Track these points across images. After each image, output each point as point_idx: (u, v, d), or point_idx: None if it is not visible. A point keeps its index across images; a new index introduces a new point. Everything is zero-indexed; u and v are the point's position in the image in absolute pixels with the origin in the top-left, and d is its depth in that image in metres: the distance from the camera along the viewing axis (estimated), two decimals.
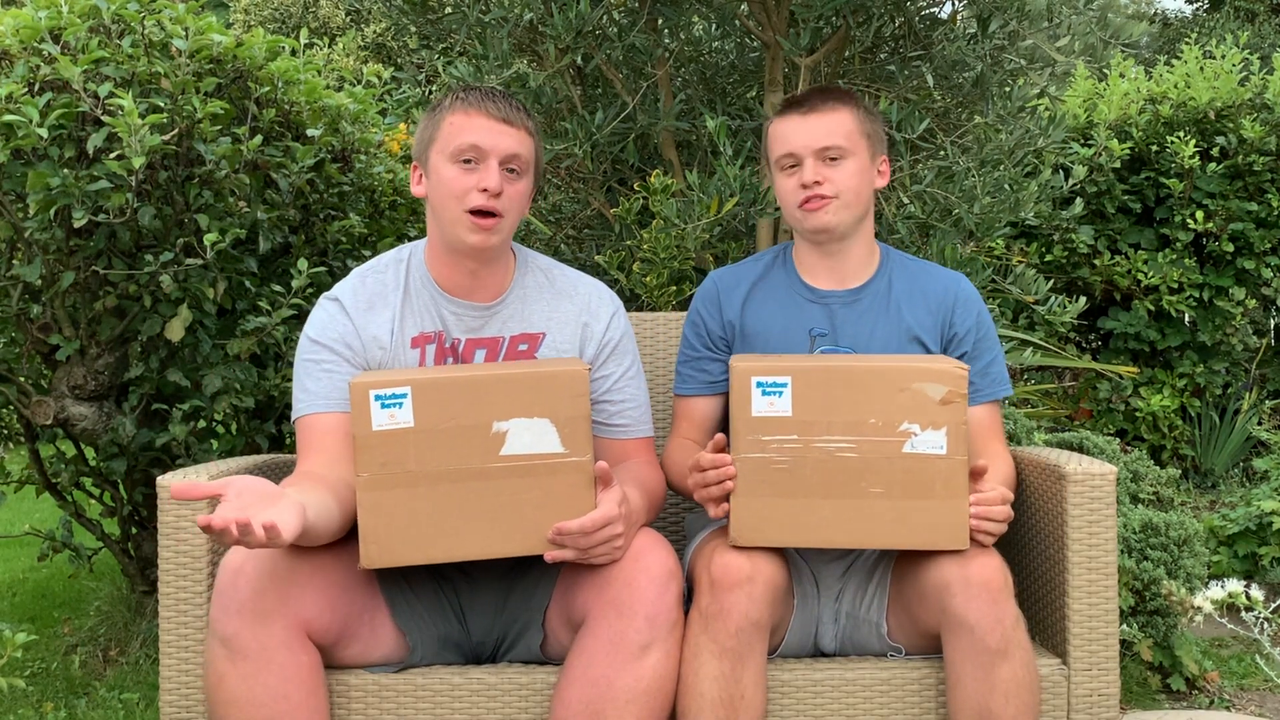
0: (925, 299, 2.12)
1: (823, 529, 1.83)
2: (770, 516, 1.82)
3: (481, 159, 1.91)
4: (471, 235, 1.91)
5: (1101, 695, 1.93)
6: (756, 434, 1.82)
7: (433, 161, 1.94)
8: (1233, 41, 5.13)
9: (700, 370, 2.16)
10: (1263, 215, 4.90)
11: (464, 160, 1.91)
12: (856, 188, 2.06)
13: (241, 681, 1.72)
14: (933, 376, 1.81)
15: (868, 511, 1.82)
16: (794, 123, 2.07)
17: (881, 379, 1.82)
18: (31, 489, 3.20)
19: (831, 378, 1.82)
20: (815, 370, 1.83)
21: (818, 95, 2.09)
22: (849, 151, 2.05)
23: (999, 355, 2.16)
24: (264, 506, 1.60)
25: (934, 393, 1.81)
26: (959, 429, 1.81)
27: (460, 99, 1.94)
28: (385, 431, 1.75)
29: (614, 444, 2.03)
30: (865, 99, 2.70)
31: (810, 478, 1.82)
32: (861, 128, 2.08)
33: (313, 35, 9.32)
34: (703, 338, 2.17)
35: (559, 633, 1.92)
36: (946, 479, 1.81)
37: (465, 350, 1.99)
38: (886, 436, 1.81)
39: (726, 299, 2.17)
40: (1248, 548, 3.54)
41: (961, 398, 1.81)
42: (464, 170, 1.91)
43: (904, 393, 1.81)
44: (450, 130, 1.92)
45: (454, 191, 1.91)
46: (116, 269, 2.68)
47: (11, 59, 2.56)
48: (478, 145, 1.90)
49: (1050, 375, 5.22)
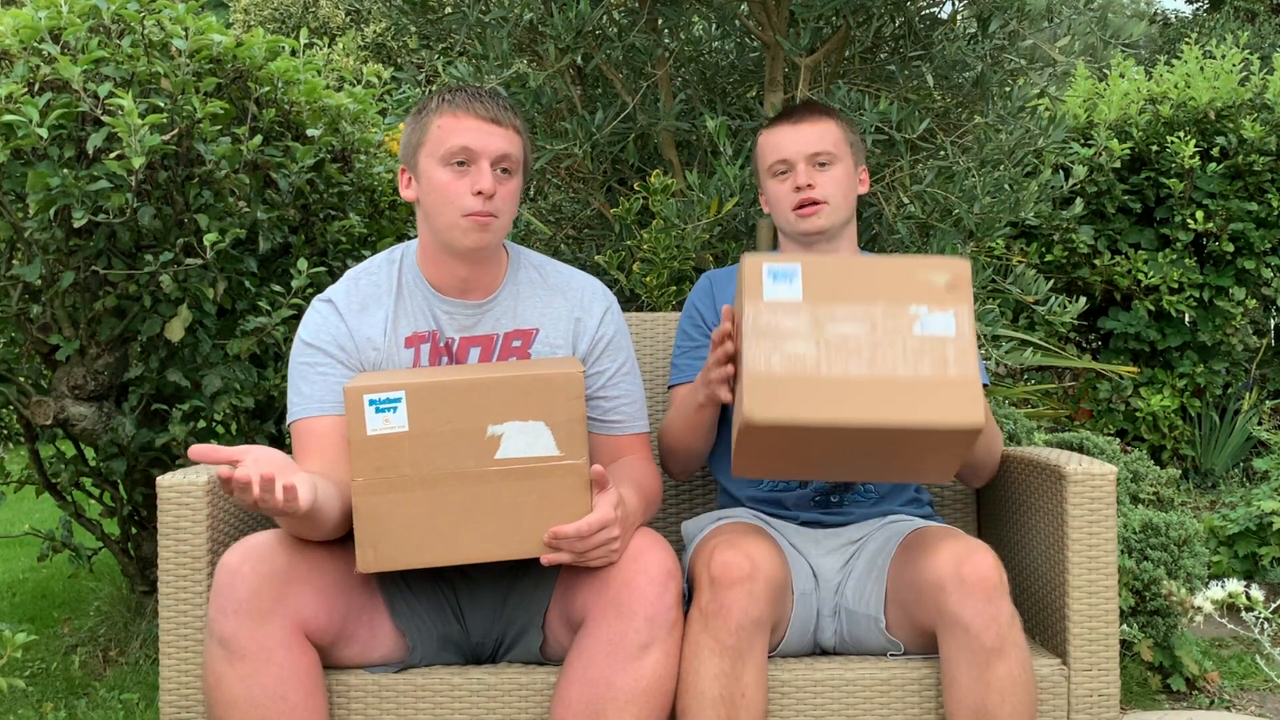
0: None
1: (836, 406, 1.78)
2: (783, 392, 1.78)
3: (473, 160, 1.90)
4: (468, 237, 1.91)
5: (1101, 695, 1.93)
6: (770, 315, 1.81)
7: (422, 165, 1.93)
8: (1233, 41, 5.13)
9: (700, 359, 2.17)
10: (1263, 215, 4.90)
11: (456, 163, 1.90)
12: (844, 192, 2.19)
13: (240, 682, 1.72)
14: (936, 264, 1.83)
15: (881, 390, 1.79)
16: (785, 131, 2.20)
17: (888, 266, 1.84)
18: (31, 489, 3.21)
19: (840, 266, 1.84)
20: (825, 261, 1.85)
21: (804, 108, 2.23)
22: (837, 158, 2.18)
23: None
24: (285, 473, 1.64)
25: (939, 279, 1.82)
26: (966, 314, 1.81)
27: (447, 101, 1.92)
28: (380, 436, 1.74)
29: (608, 440, 2.04)
30: (863, 101, 2.71)
31: (823, 358, 1.79)
32: (846, 137, 2.21)
33: (313, 35, 9.31)
34: (700, 327, 2.22)
35: (559, 633, 1.92)
36: (958, 357, 1.80)
37: (459, 349, 1.99)
38: (896, 318, 1.81)
39: (720, 293, 2.23)
40: (1248, 548, 3.54)
41: (966, 284, 1.82)
42: (456, 173, 1.90)
43: (910, 280, 1.82)
44: (439, 133, 1.91)
45: (447, 196, 1.90)
46: (116, 269, 2.68)
47: (11, 59, 2.56)
48: (468, 147, 1.89)
49: (1050, 375, 5.22)
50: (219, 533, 1.94)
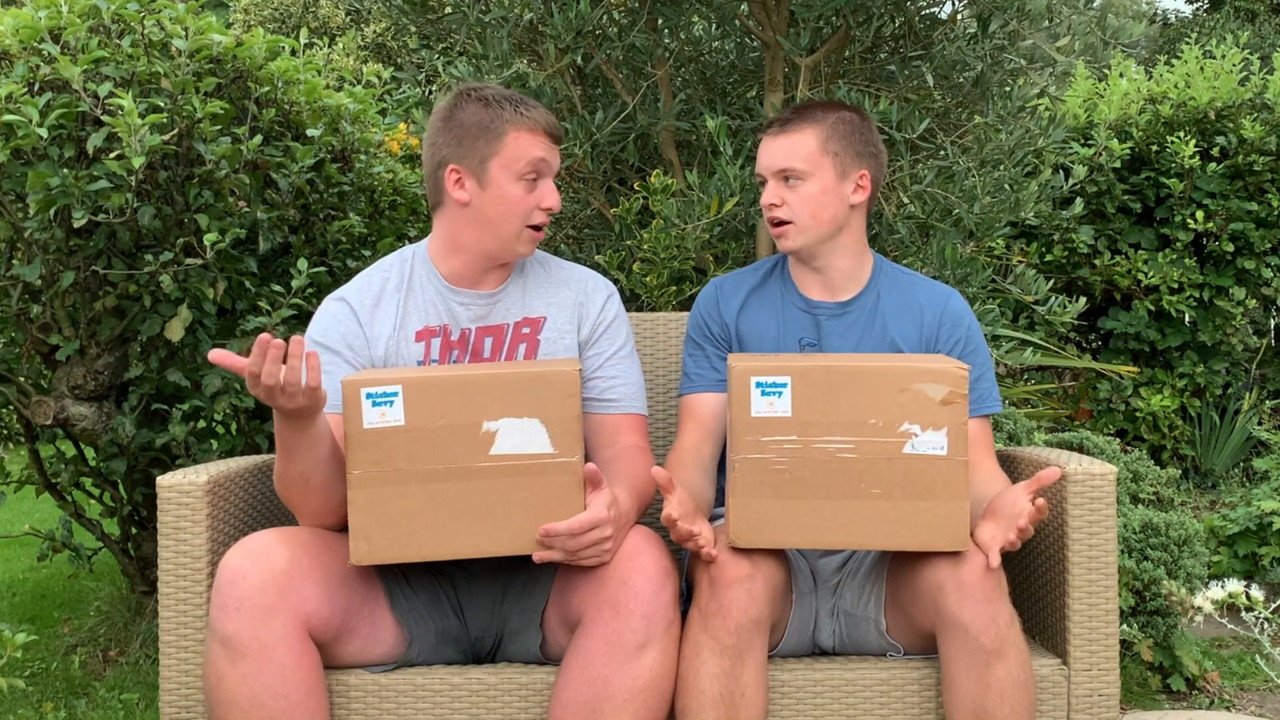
0: (912, 313, 2.13)
1: (822, 530, 1.82)
2: (769, 518, 1.82)
3: (543, 175, 1.99)
4: (525, 246, 2.02)
5: (1101, 695, 1.93)
6: (756, 434, 1.81)
7: (494, 175, 1.97)
8: (1233, 41, 5.13)
9: (709, 368, 2.16)
10: (1263, 215, 4.90)
11: (529, 179, 1.98)
12: (814, 211, 2.07)
13: (241, 681, 1.72)
14: (933, 377, 1.81)
15: (868, 512, 1.81)
16: (765, 143, 2.12)
17: (882, 379, 1.81)
18: (31, 489, 3.20)
19: (832, 378, 1.82)
20: (815, 370, 1.82)
21: (795, 112, 2.11)
22: (806, 174, 2.06)
23: (988, 372, 2.14)
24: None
25: (935, 393, 1.80)
26: (960, 430, 1.81)
27: (523, 115, 1.98)
28: (376, 429, 1.76)
29: (605, 419, 2.05)
30: (863, 102, 2.70)
31: (810, 479, 1.81)
32: (826, 146, 2.07)
33: (313, 35, 9.33)
34: (708, 336, 2.19)
35: (557, 633, 1.92)
36: (947, 480, 1.81)
37: (476, 339, 2.03)
38: (887, 437, 1.80)
39: (725, 304, 2.19)
40: (1248, 548, 3.53)
41: (962, 398, 1.81)
42: (529, 187, 1.98)
43: (904, 393, 1.80)
44: (517, 146, 1.96)
45: (519, 209, 1.98)
46: (116, 269, 2.68)
47: (11, 59, 2.56)
48: (546, 161, 1.99)
49: (1050, 375, 5.22)
50: (219, 533, 1.94)
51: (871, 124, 2.16)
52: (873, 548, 1.95)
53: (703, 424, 2.14)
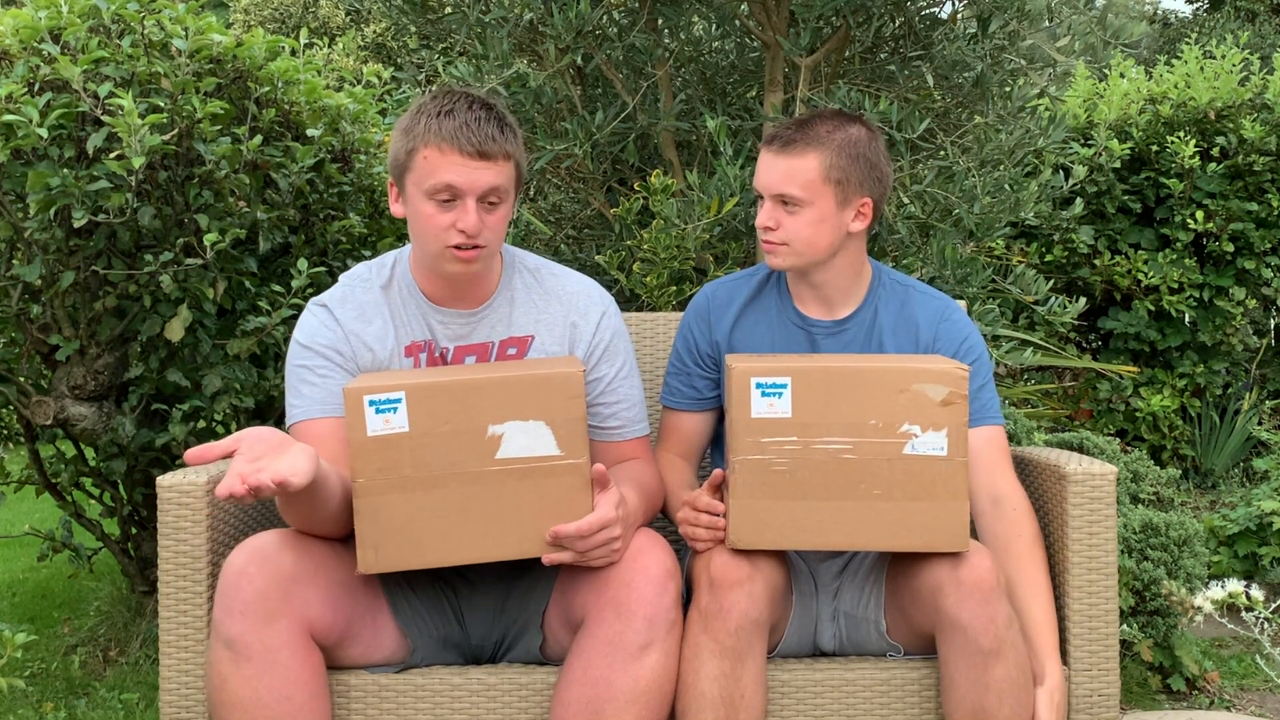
0: (909, 329, 2.10)
1: (822, 531, 1.82)
2: (769, 519, 1.81)
3: (458, 197, 1.83)
4: (453, 266, 1.88)
5: (1101, 695, 1.93)
6: (756, 435, 1.81)
7: (409, 191, 1.87)
8: (1233, 41, 5.12)
9: (689, 386, 2.16)
10: (1263, 215, 4.90)
11: (441, 200, 1.83)
12: (810, 238, 2.00)
13: (245, 684, 1.71)
14: (933, 377, 1.80)
15: (867, 513, 1.81)
16: (767, 158, 2.02)
17: (882, 379, 1.81)
18: (31, 489, 3.20)
19: (831, 379, 1.81)
20: (815, 371, 1.82)
21: (800, 131, 2.00)
22: (805, 202, 1.98)
23: (988, 384, 2.08)
24: (275, 456, 1.62)
25: (935, 394, 1.80)
26: (960, 430, 1.81)
27: (434, 132, 1.82)
28: (380, 437, 1.74)
29: (610, 446, 2.03)
30: (863, 102, 2.70)
31: (809, 480, 1.81)
32: (829, 174, 1.98)
33: (313, 35, 9.32)
34: (693, 353, 2.15)
35: (558, 634, 1.92)
36: (947, 480, 1.81)
37: (454, 358, 1.98)
38: (887, 438, 1.80)
39: (717, 318, 2.14)
40: (1248, 548, 3.53)
41: (962, 399, 1.80)
42: (441, 208, 1.84)
43: (904, 394, 1.80)
44: (425, 166, 1.83)
45: (432, 229, 1.85)
46: (116, 269, 2.68)
47: (11, 59, 2.56)
48: (453, 185, 1.82)
49: (1050, 375, 5.22)
50: (219, 533, 1.93)
51: (879, 141, 2.06)
52: (873, 548, 1.95)
53: (684, 440, 2.17)
